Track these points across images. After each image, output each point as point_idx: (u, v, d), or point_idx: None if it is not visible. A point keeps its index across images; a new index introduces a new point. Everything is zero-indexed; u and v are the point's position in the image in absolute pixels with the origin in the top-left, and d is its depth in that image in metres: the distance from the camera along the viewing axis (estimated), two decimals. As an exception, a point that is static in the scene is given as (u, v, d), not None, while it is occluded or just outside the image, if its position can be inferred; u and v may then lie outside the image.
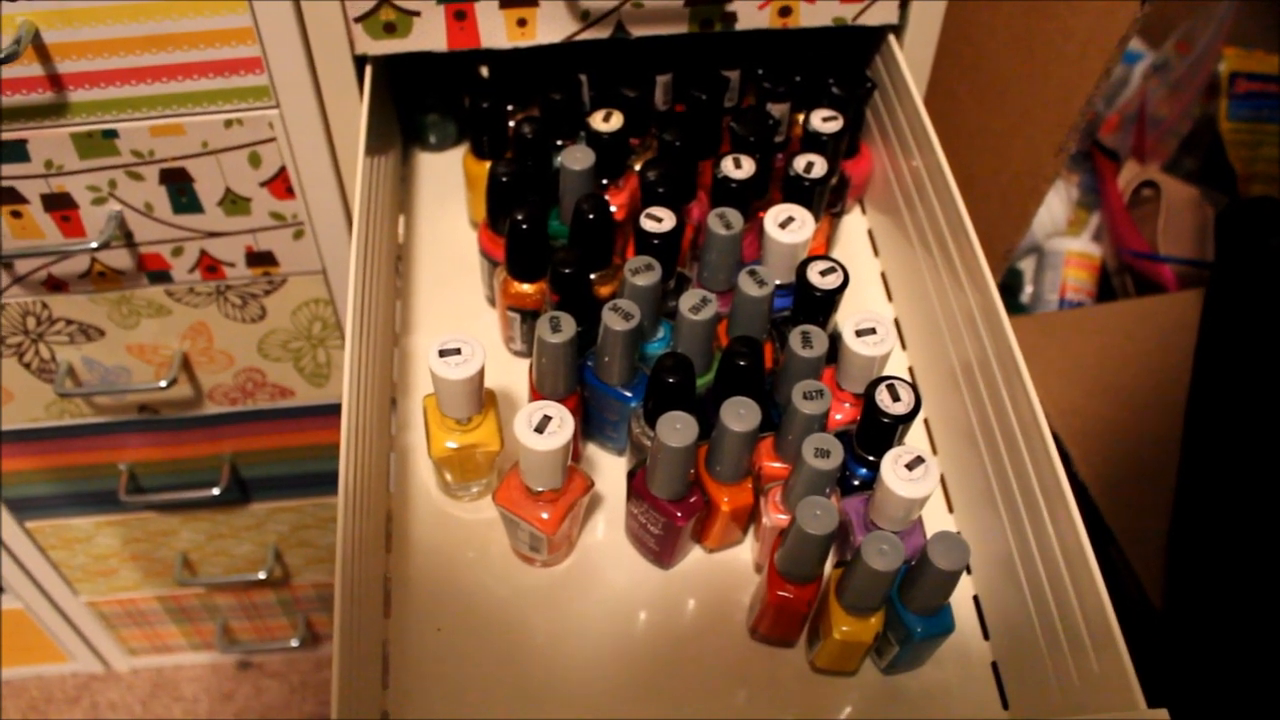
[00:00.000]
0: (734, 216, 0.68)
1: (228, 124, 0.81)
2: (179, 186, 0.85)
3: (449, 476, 0.69)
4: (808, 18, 0.77)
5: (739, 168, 0.72)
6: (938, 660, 0.65)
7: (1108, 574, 0.50)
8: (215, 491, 1.12)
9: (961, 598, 0.67)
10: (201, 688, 1.56)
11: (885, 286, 0.84)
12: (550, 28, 0.76)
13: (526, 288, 0.72)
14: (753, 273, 0.66)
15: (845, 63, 0.84)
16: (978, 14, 0.91)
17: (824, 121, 0.76)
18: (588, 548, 0.70)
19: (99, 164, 0.82)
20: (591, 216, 0.69)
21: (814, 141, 0.76)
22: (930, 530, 0.60)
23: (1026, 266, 1.25)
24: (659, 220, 0.69)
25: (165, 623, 1.42)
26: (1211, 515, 0.84)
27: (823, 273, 0.67)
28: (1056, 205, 1.23)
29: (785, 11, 0.77)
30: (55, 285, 0.92)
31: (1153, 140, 1.27)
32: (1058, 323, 1.09)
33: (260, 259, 0.91)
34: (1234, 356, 0.91)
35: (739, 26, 0.77)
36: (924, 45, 0.82)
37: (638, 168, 0.77)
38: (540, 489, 0.62)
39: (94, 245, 0.85)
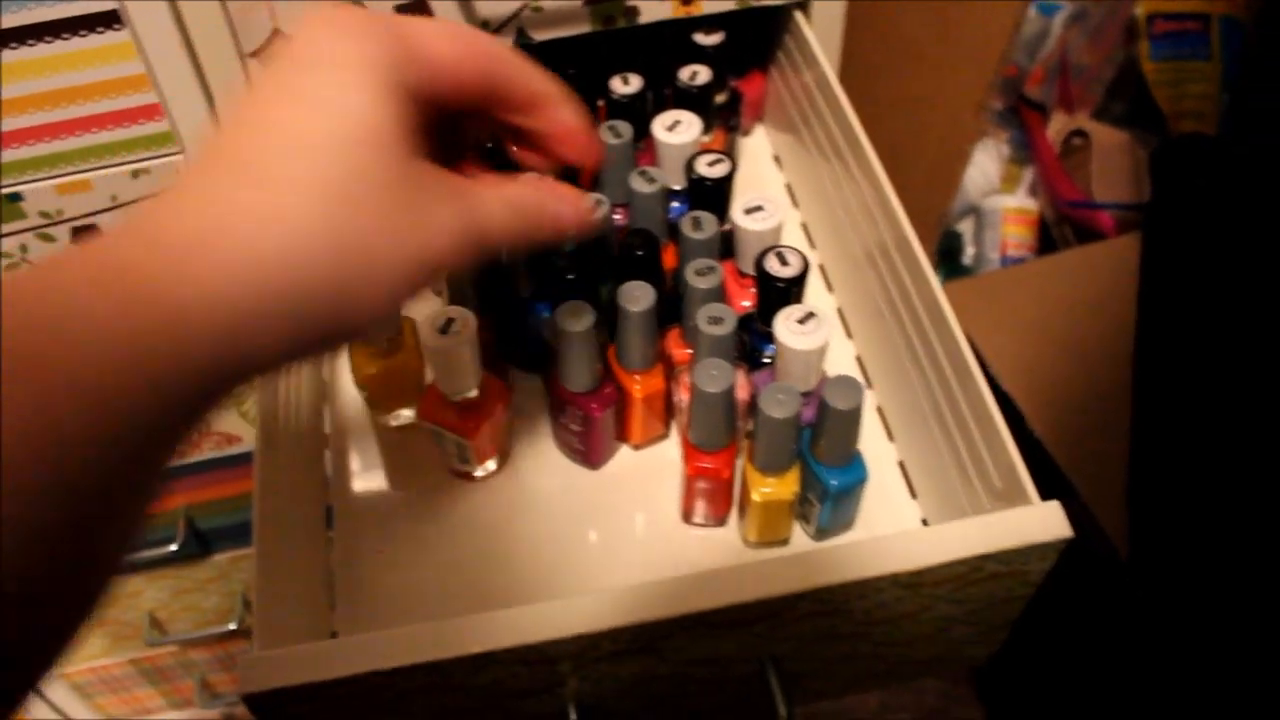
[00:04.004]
0: (623, 127, 0.70)
1: (135, 174, 0.79)
2: (94, 243, 0.83)
3: (375, 400, 0.71)
4: (711, 3, 0.76)
5: (626, 84, 0.75)
6: (869, 523, 0.66)
7: (1071, 529, 0.49)
8: (173, 547, 1.10)
9: (889, 466, 0.70)
10: (190, 744, 1.54)
11: (791, 195, 0.86)
12: (449, 42, 0.75)
13: None
14: (643, 172, 0.68)
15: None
16: (885, -18, 0.91)
17: (706, 35, 0.78)
18: (520, 461, 0.72)
19: (8, 230, 0.80)
20: (490, 145, 0.70)
21: (697, 55, 0.78)
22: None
23: (966, 228, 1.24)
24: None
25: (142, 685, 1.40)
26: (1166, 457, 0.84)
27: (710, 164, 0.69)
28: (989, 164, 1.23)
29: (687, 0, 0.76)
30: (-19, 357, 0.90)
31: (1078, 89, 1.27)
32: (1000, 281, 1.08)
33: (188, 307, 0.90)
34: (1173, 296, 0.91)
35: (642, 20, 0.76)
36: (832, 18, 0.81)
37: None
38: (457, 396, 0.64)
39: (14, 312, 0.83)
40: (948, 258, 1.23)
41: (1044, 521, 0.49)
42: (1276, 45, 0.75)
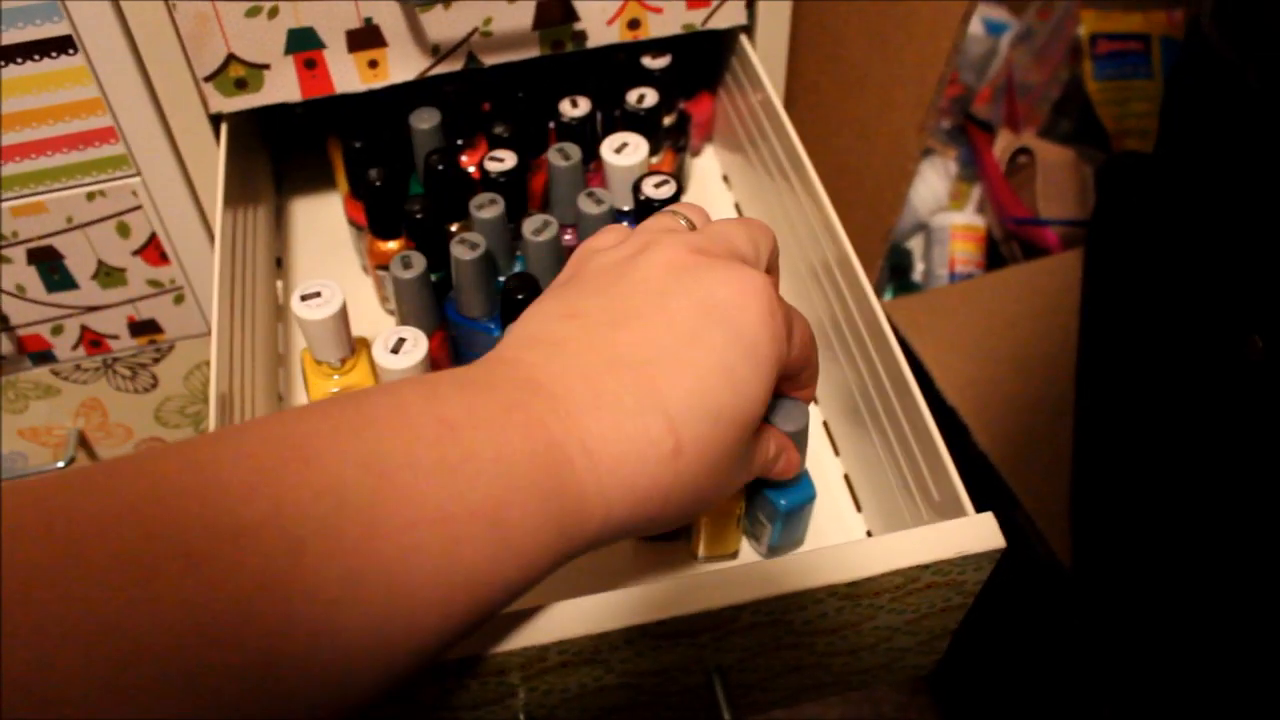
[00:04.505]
0: (572, 149, 0.72)
1: (90, 197, 0.80)
2: (49, 265, 0.83)
3: None
4: (657, 27, 0.78)
5: (575, 107, 0.77)
6: (816, 535, 0.68)
7: (1015, 540, 0.51)
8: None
9: (834, 479, 0.71)
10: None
11: (740, 214, 0.87)
12: (402, 66, 0.76)
13: (390, 245, 0.75)
14: (590, 194, 0.70)
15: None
16: (829, 4, 0.93)
17: (653, 59, 0.80)
18: None
19: (-38, 252, 0.81)
20: (441, 167, 0.73)
21: (645, 78, 0.80)
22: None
23: (915, 245, 1.26)
24: (501, 161, 0.73)
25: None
26: (1108, 468, 0.86)
27: (656, 185, 0.71)
28: (937, 181, 1.25)
29: (634, 24, 0.77)
30: (-65, 379, 0.90)
31: (1024, 107, 1.30)
32: (948, 297, 1.10)
33: (144, 328, 0.90)
34: (1114, 310, 0.93)
35: (590, 44, 0.78)
36: (776, 41, 0.83)
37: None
38: None
39: (-32, 334, 0.83)
40: (898, 274, 1.25)
41: (978, 533, 0.50)
42: (1201, 63, 0.78)
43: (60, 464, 0.96)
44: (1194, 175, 0.83)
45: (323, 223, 0.89)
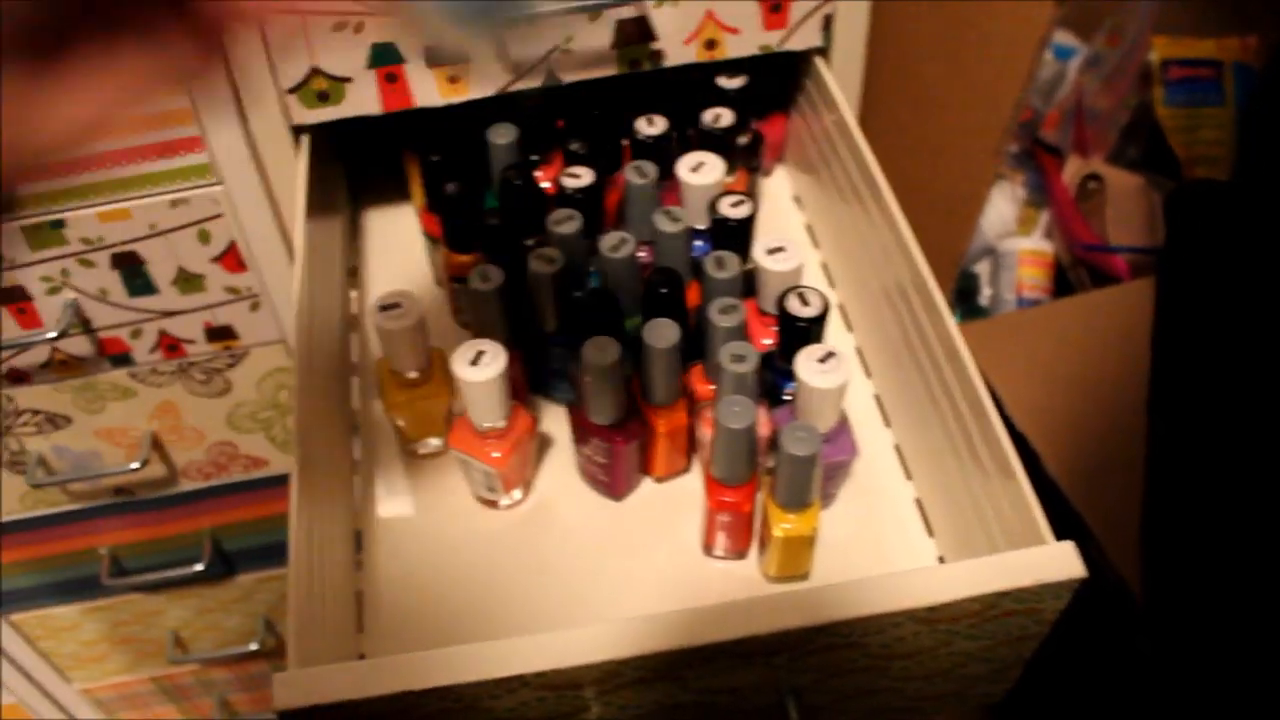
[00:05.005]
0: (648, 167, 0.73)
1: (173, 204, 0.81)
2: (131, 270, 0.85)
3: (405, 428, 0.73)
4: (734, 48, 0.78)
5: (651, 125, 0.77)
6: (887, 559, 0.68)
7: (1087, 570, 0.51)
8: (199, 567, 1.11)
9: (906, 503, 0.71)
10: (205, 764, 1.54)
11: (811, 235, 0.88)
12: (482, 82, 0.77)
13: (465, 257, 0.76)
14: (667, 212, 0.70)
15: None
16: (905, 28, 0.93)
17: (729, 79, 0.81)
18: (544, 490, 0.74)
19: (50, 254, 0.82)
20: (518, 183, 0.73)
21: (721, 98, 0.80)
22: (859, 436, 0.65)
23: (982, 270, 1.26)
24: (578, 177, 0.74)
25: (162, 703, 1.41)
26: (1181, 500, 0.85)
27: (733, 204, 0.71)
28: (1005, 206, 1.24)
29: (711, 44, 0.78)
30: (17, 377, 0.92)
31: (1093, 133, 1.29)
32: (1016, 322, 1.10)
33: (220, 334, 0.92)
34: (1187, 340, 0.92)
35: (667, 63, 0.78)
36: (852, 63, 0.83)
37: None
38: (486, 426, 0.66)
39: (52, 335, 0.85)
40: (964, 298, 1.24)
41: (1058, 561, 0.50)
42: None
43: (135, 465, 0.98)
44: (1270, 203, 0.83)
45: (396, 235, 0.90)
